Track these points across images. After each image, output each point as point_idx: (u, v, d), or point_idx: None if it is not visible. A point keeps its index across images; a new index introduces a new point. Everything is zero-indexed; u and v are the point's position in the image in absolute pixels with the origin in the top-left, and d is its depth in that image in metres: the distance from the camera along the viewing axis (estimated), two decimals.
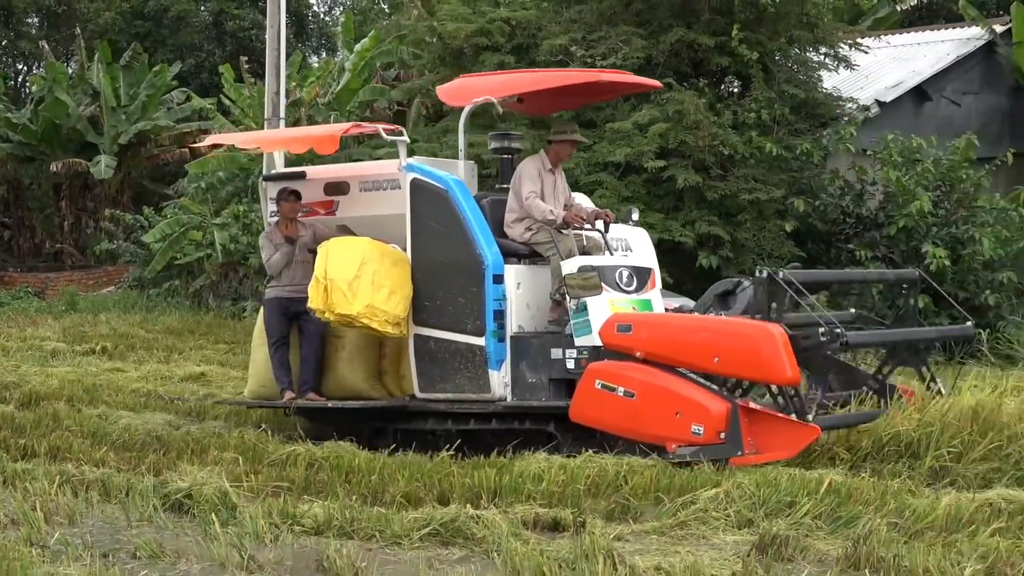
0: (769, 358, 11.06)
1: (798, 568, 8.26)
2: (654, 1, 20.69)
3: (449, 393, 12.20)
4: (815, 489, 9.82)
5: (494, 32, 20.87)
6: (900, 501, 9.53)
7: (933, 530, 8.91)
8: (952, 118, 25.04)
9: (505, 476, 10.52)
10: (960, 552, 8.32)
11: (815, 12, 20.72)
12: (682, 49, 20.52)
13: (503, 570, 7.92)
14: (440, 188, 12.22)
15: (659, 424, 11.27)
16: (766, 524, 9.15)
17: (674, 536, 9.14)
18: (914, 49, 26.55)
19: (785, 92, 20.69)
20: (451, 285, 12.15)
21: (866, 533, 8.77)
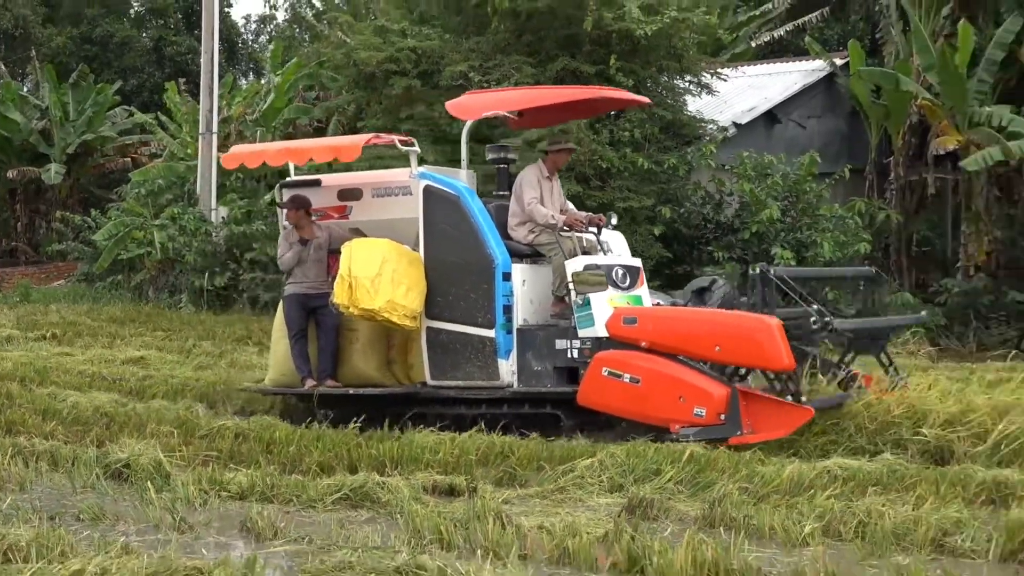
0: (767, 346, 10.98)
1: (662, 527, 8.34)
2: (542, 34, 20.77)
3: (460, 380, 12.01)
4: (678, 458, 9.91)
5: (402, 59, 20.82)
6: (751, 469, 9.65)
7: (778, 493, 9.03)
8: (798, 138, 25.33)
9: (406, 447, 10.53)
10: (801, 512, 8.45)
11: (681, 45, 20.87)
12: (566, 76, 20.57)
13: (405, 529, 7.92)
14: (452, 194, 12.05)
15: (663, 407, 11.13)
16: (635, 489, 9.24)
17: (555, 499, 9.20)
18: (766, 79, 26.82)
19: (655, 114, 20.87)
20: (463, 282, 11.96)
21: (720, 496, 8.89)
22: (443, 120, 20.45)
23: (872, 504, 8.48)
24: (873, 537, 7.87)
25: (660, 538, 7.58)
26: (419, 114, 20.66)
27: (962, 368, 17.18)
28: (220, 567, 6.39)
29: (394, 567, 6.58)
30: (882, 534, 7.88)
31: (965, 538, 7.79)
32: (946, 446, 10.77)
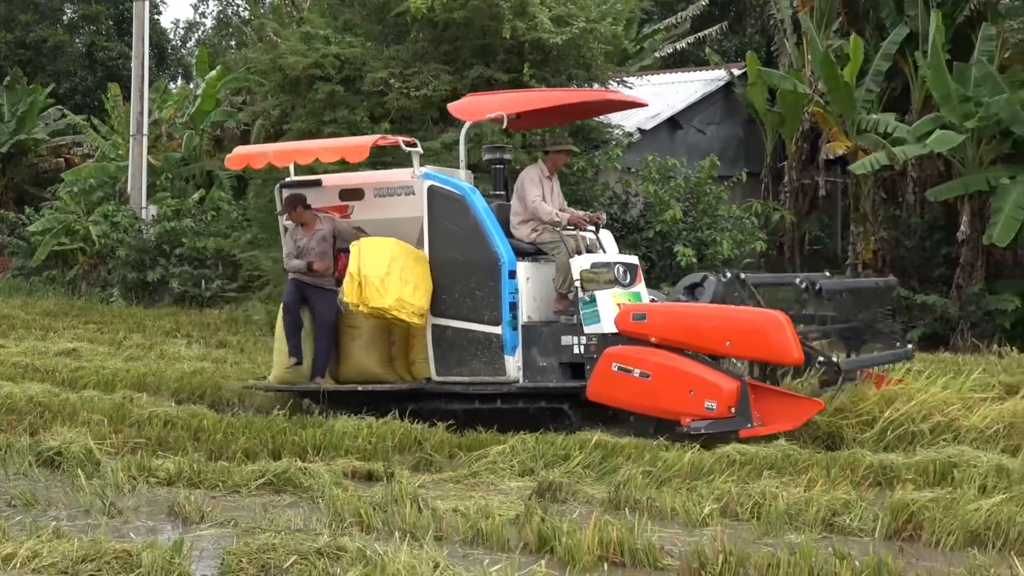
0: (777, 341, 10.81)
1: (570, 509, 8.38)
2: (458, 43, 20.70)
3: (465, 376, 11.74)
4: (585, 444, 9.96)
5: (326, 65, 20.64)
6: (654, 454, 9.72)
7: (679, 477, 9.11)
8: (699, 143, 25.51)
9: (327, 435, 10.47)
10: (700, 495, 8.53)
11: (590, 55, 20.88)
12: (481, 83, 20.51)
13: (327, 513, 7.90)
14: (458, 194, 11.81)
15: (674, 401, 10.90)
16: (544, 473, 9.27)
17: (469, 484, 9.21)
18: (669, 87, 26.97)
19: None
20: (469, 280, 11.68)
21: (625, 480, 8.94)
22: (364, 124, 20.39)
23: (767, 486, 8.59)
24: (768, 517, 7.96)
25: (568, 520, 7.61)
26: (342, 118, 20.49)
27: None
28: (148, 550, 6.31)
29: (315, 549, 6.53)
30: (776, 514, 7.97)
31: (853, 518, 7.91)
32: (836, 432, 10.93)
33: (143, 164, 28.21)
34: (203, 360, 17.05)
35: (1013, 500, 7.91)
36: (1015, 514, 7.52)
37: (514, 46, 20.18)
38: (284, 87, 21.81)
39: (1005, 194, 20.54)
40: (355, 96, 20.70)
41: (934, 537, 7.54)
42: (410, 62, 20.69)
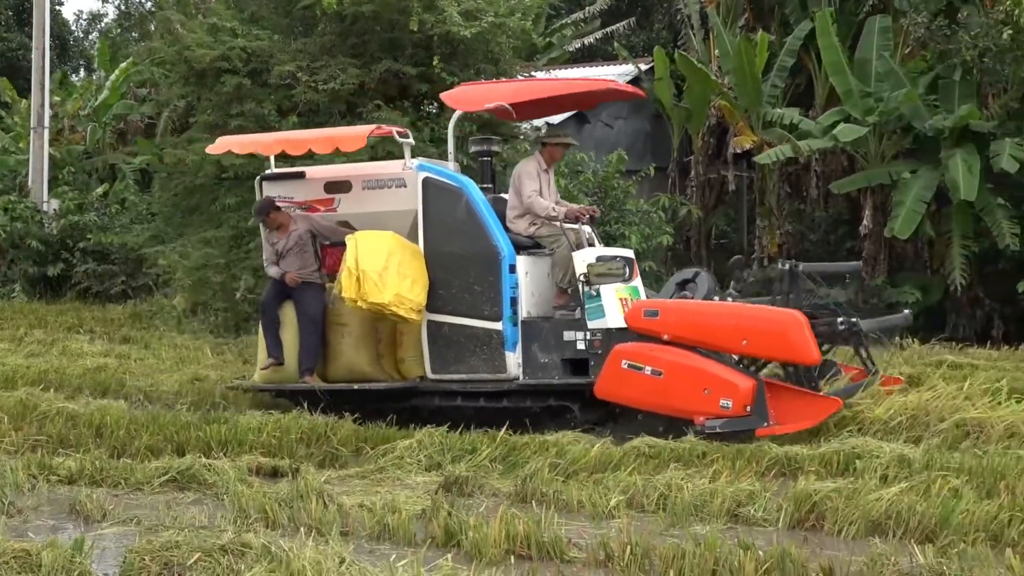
0: (796, 341, 10.65)
1: (477, 502, 8.38)
2: (366, 37, 20.59)
3: (463, 374, 11.43)
4: (492, 438, 9.95)
5: (233, 58, 20.44)
6: (560, 448, 9.72)
7: (586, 470, 9.13)
8: (606, 138, 25.59)
9: (232, 431, 10.36)
10: (607, 487, 8.56)
11: (498, 49, 20.88)
12: (390, 77, 20.45)
13: (231, 509, 7.83)
14: (455, 186, 11.50)
15: (688, 399, 10.65)
16: (451, 467, 9.26)
17: (375, 479, 9.18)
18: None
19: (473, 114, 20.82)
20: (467, 275, 11.36)
21: (531, 473, 8.94)
22: (271, 117, 20.23)
23: (672, 478, 8.64)
24: (674, 508, 8.02)
25: (475, 514, 7.62)
26: (249, 110, 20.30)
27: None
28: (48, 549, 6.21)
29: (220, 545, 6.45)
30: (682, 506, 8.04)
31: (757, 508, 8.00)
32: None
33: (44, 157, 27.75)
34: (106, 356, 16.79)
35: (913, 489, 8.03)
36: (915, 503, 7.65)
37: (422, 40, 20.12)
38: (189, 79, 21.56)
39: (906, 188, 20.85)
40: (262, 89, 20.52)
41: (836, 526, 7.65)
42: (318, 55, 20.55)
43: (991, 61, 20.11)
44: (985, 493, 8.10)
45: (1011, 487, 8.13)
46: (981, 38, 20.12)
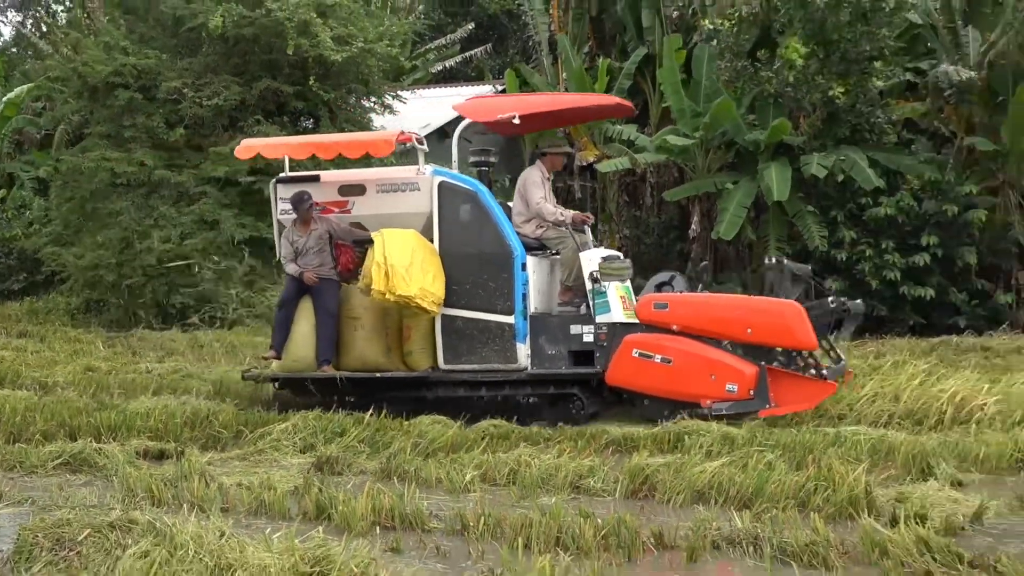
0: (797, 328, 10.49)
1: (346, 480, 8.33)
2: (247, 58, 20.40)
3: (475, 364, 11.01)
4: (360, 421, 9.88)
5: (125, 74, 20.10)
6: (421, 429, 9.69)
7: (444, 450, 9.11)
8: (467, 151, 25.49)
9: (121, 417, 10.14)
10: (463, 464, 8.55)
11: (368, 71, 20.84)
12: (268, 94, 20.28)
13: (120, 489, 7.70)
14: (470, 190, 11.16)
15: (695, 385, 10.49)
16: (323, 448, 9.19)
17: (253, 460, 9.07)
18: (440, 100, 26.86)
19: (345, 128, 20.76)
20: (481, 272, 10.95)
21: (396, 452, 8.92)
22: (160, 129, 19.89)
23: (522, 455, 8.66)
24: (522, 482, 8.05)
25: (344, 490, 7.55)
26: (140, 123, 19.99)
27: None
28: None
29: (108, 522, 6.28)
30: (530, 480, 8.07)
31: (597, 480, 8.07)
32: None
33: None
34: (4, 349, 16.32)
35: (733, 463, 8.16)
36: (734, 475, 7.79)
37: (298, 61, 20.00)
38: (82, 93, 21.12)
39: (730, 196, 21.18)
40: (152, 103, 20.21)
41: (666, 496, 7.76)
42: (202, 73, 20.30)
43: (792, 91, 20.57)
44: (795, 465, 8.27)
45: (817, 460, 8.31)
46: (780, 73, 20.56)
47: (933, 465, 8.48)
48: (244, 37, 19.81)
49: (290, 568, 5.79)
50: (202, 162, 19.57)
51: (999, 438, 9.30)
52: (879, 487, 7.80)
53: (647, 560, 6.43)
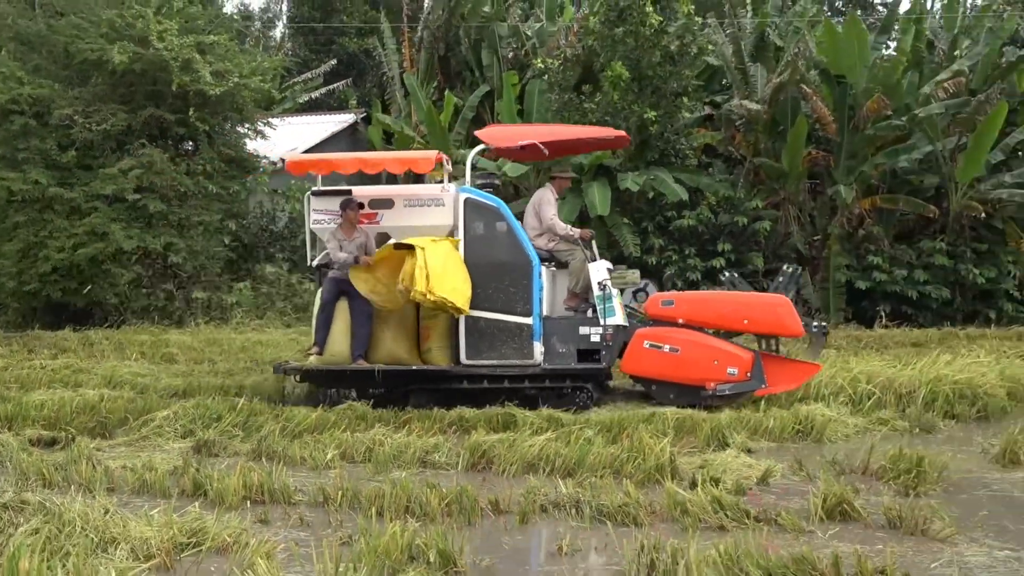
0: (787, 319, 10.52)
1: (221, 461, 8.16)
2: (134, 88, 19.82)
3: (494, 360, 10.68)
4: (233, 407, 9.67)
5: (21, 102, 19.34)
6: (288, 414, 9.55)
7: (308, 432, 8.99)
8: None
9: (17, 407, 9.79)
10: (325, 444, 8.46)
11: (242, 102, 20.47)
12: (153, 121, 19.75)
13: (13, 474, 7.41)
14: (494, 206, 10.82)
15: (700, 370, 10.38)
16: (201, 433, 8.98)
17: (138, 446, 8.82)
18: (307, 127, 26.59)
19: (222, 152, 20.39)
20: (503, 279, 10.65)
21: (265, 435, 8.76)
22: (53, 152, 19.23)
23: (376, 435, 8.63)
24: (377, 459, 8.00)
25: (218, 469, 7.41)
26: (34, 147, 19.25)
27: None
28: None
29: (2, 503, 6.09)
30: (383, 456, 8.03)
31: (441, 456, 8.08)
32: None
33: None
34: None
35: (559, 439, 8.27)
36: (559, 448, 7.89)
37: (181, 92, 19.52)
38: None
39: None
40: (45, 128, 19.48)
41: (501, 467, 7.81)
42: (92, 101, 19.67)
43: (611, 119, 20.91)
44: (611, 440, 8.40)
45: (630, 435, 8.47)
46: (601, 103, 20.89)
47: (728, 436, 8.74)
48: (132, 71, 19.26)
49: (169, 539, 5.68)
50: (92, 180, 18.95)
51: (783, 413, 9.61)
52: (683, 456, 8.00)
53: (485, 523, 6.46)
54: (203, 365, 13.66)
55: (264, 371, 13.02)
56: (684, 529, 6.13)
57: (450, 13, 26.65)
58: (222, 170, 20.31)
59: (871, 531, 6.27)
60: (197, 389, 11.20)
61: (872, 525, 6.38)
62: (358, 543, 5.72)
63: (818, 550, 5.56)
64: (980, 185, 20.99)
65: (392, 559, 5.45)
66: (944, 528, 6.19)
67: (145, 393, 11.01)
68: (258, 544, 5.73)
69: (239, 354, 14.64)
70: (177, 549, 5.68)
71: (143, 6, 19.88)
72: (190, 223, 19.41)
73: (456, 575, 5.46)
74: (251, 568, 5.14)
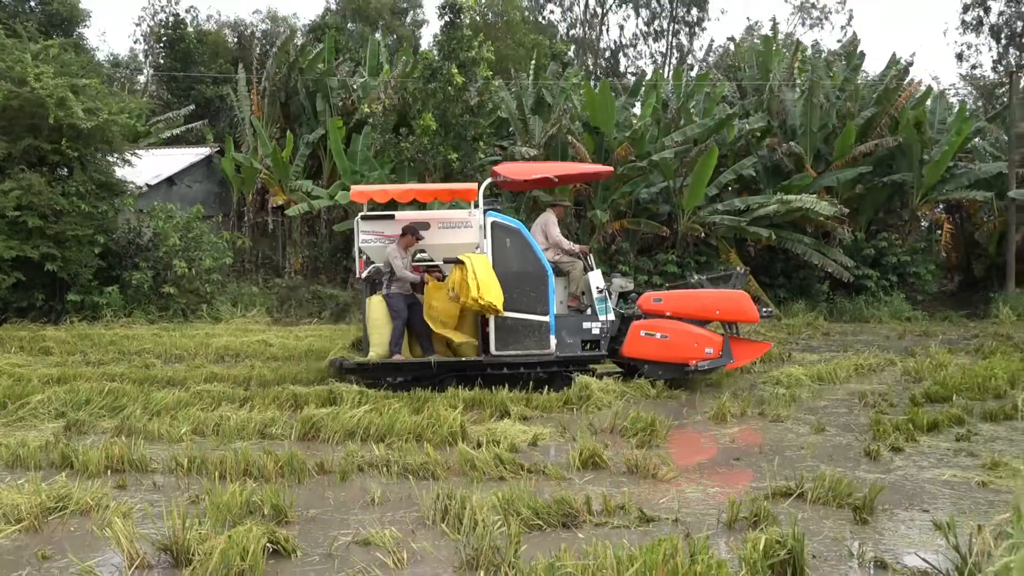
0: (747, 309, 10.70)
1: (88, 437, 7.68)
2: (14, 121, 18.43)
3: (518, 351, 10.36)
4: (102, 391, 9.10)
5: None
6: (149, 395, 9.03)
7: (166, 411, 8.55)
8: (188, 195, 24.16)
9: None
10: (179, 421, 8.08)
11: (111, 135, 19.35)
12: (31, 150, 18.42)
13: None
14: (516, 227, 10.52)
15: (685, 351, 10.51)
16: (72, 414, 8.42)
17: (15, 427, 8.19)
18: (169, 158, 25.29)
19: (94, 176, 19.25)
20: (525, 285, 10.35)
21: (129, 415, 8.30)
22: None
23: (224, 412, 8.30)
24: (223, 432, 7.71)
25: (83, 444, 6.99)
26: None
27: (287, 330, 17.30)
28: None
29: None
30: (229, 430, 7.74)
31: (277, 428, 7.85)
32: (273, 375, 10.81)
33: None
34: None
35: (374, 410, 8.17)
36: (373, 418, 7.80)
37: (56, 126, 18.29)
38: None
39: None
40: None
41: (327, 436, 7.65)
42: None
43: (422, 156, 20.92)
44: (415, 411, 8.37)
45: (430, 407, 8.46)
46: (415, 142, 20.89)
47: (509, 408, 8.84)
48: (12, 106, 17.92)
49: (37, 505, 5.32)
50: None
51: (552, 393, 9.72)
52: (471, 424, 8.05)
53: (312, 482, 6.34)
54: (76, 356, 12.84)
55: (130, 360, 12.38)
56: (472, 481, 6.18)
57: (289, 68, 26.07)
58: (94, 192, 19.15)
59: (616, 477, 6.48)
60: (71, 377, 10.52)
61: (616, 472, 6.59)
62: (204, 501, 5.51)
63: (575, 492, 5.71)
64: (700, 212, 22.05)
65: (232, 513, 5.27)
66: (669, 472, 6.47)
67: (22, 381, 10.27)
68: (117, 506, 5.44)
69: (108, 347, 13.85)
70: (45, 513, 5.33)
71: (22, 52, 18.60)
72: (65, 237, 18.24)
73: (287, 524, 5.34)
74: (109, 526, 4.87)
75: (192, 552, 4.56)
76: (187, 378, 10.45)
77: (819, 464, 6.78)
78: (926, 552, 4.85)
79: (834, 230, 22.40)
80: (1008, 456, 7.00)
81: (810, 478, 6.06)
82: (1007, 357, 12.87)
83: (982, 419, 8.63)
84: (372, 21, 36.71)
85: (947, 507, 5.73)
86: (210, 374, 10.63)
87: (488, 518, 5.06)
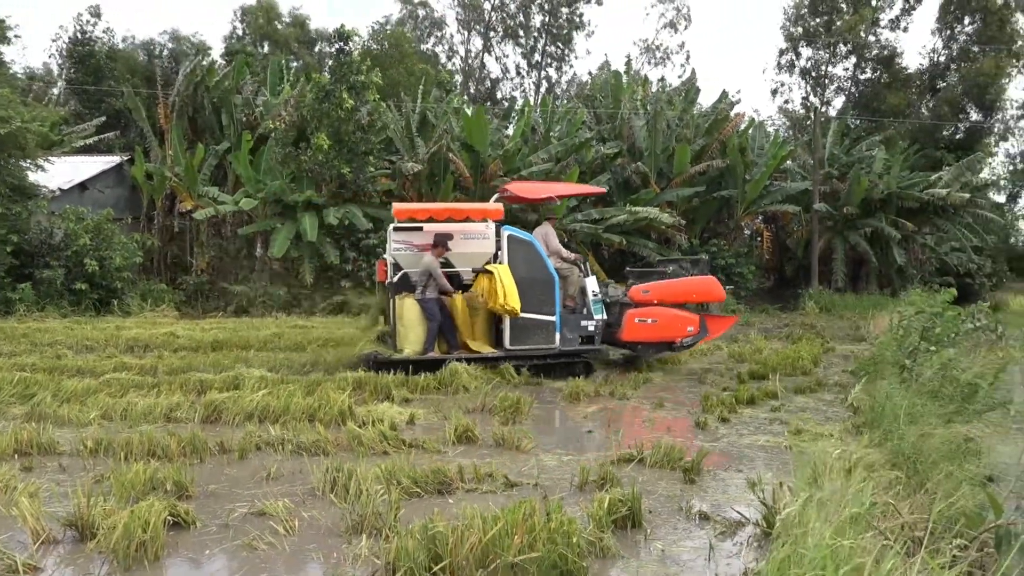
0: (717, 291, 10.87)
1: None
2: None
3: (529, 345, 10.27)
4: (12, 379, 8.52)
5: None
6: (60, 383, 8.51)
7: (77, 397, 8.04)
8: (100, 199, 22.87)
9: None
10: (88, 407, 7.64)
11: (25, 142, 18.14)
12: None
13: None
14: (527, 239, 10.35)
15: (671, 331, 10.74)
16: None
17: None
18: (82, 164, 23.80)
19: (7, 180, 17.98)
20: (536, 290, 10.20)
21: (39, 401, 7.81)
22: None
23: (131, 398, 7.90)
24: (130, 417, 7.35)
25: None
26: None
27: (194, 323, 16.63)
28: None
29: None
30: (136, 414, 7.38)
31: (183, 412, 7.53)
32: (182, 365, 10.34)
33: None
34: None
35: (271, 394, 7.95)
36: (271, 401, 7.58)
37: None
38: None
39: (279, 232, 20.72)
40: None
41: (229, 418, 7.41)
42: None
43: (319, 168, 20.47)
44: (308, 394, 8.18)
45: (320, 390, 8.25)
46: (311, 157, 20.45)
47: (392, 391, 8.75)
48: None
49: None
50: None
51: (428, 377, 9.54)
52: (358, 406, 7.92)
53: (213, 460, 6.12)
54: None
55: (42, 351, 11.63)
56: (358, 456, 6.10)
57: (196, 86, 25.05)
58: (7, 195, 17.93)
59: (485, 449, 6.52)
60: None
61: (485, 445, 6.63)
62: (109, 480, 5.23)
63: (449, 463, 5.71)
64: (563, 220, 22.40)
65: (136, 490, 5.04)
66: (529, 444, 6.55)
67: None
68: (24, 487, 5.11)
69: (20, 339, 12.97)
70: None
71: None
72: None
73: (188, 499, 5.13)
74: (16, 505, 4.57)
75: (97, 527, 4.34)
76: (97, 367, 9.89)
77: (659, 435, 7.00)
78: (740, 505, 5.08)
79: (674, 237, 23.18)
80: (811, 423, 7.41)
81: (649, 446, 6.25)
82: (811, 342, 13.64)
83: (794, 392, 9.10)
84: (281, 47, 35.70)
85: (760, 467, 6.02)
86: (120, 363, 10.09)
87: (372, 487, 5.01)
